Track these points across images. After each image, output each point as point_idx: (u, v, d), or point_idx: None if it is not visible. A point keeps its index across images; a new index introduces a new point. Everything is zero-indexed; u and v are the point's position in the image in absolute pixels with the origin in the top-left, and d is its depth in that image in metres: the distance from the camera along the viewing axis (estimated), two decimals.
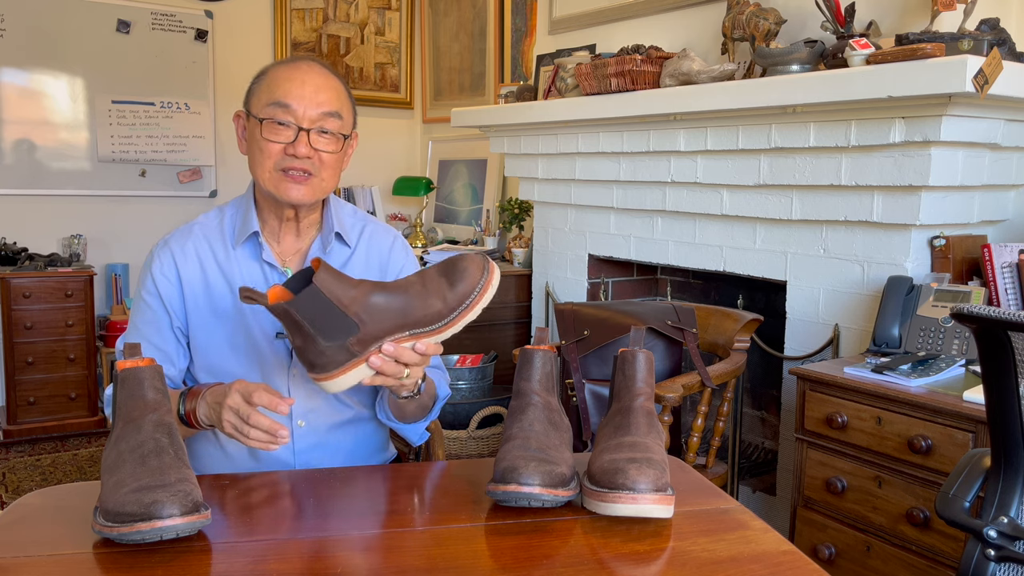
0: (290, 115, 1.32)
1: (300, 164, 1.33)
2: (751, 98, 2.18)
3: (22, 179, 3.92)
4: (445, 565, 0.92)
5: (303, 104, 1.32)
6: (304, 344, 1.10)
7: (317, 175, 1.35)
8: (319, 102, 1.33)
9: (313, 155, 1.34)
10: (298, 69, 1.35)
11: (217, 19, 4.32)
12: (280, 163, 1.33)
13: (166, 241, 1.44)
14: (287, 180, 1.34)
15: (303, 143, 1.32)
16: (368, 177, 4.73)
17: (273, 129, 1.32)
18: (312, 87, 1.33)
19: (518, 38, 4.01)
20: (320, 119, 1.33)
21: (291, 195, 1.35)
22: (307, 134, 1.33)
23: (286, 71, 1.35)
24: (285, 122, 1.32)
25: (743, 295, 2.83)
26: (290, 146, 1.32)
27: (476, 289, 1.13)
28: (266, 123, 1.32)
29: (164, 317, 1.40)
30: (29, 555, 0.93)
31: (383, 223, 1.56)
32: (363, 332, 1.10)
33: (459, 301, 1.12)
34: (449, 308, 1.12)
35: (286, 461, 1.40)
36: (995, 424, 1.09)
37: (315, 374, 1.12)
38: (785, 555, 0.97)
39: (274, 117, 1.32)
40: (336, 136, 1.36)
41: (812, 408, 1.83)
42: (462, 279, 1.13)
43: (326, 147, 1.35)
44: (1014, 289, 1.90)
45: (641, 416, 1.12)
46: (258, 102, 1.35)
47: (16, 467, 3.40)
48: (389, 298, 1.11)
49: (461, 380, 3.18)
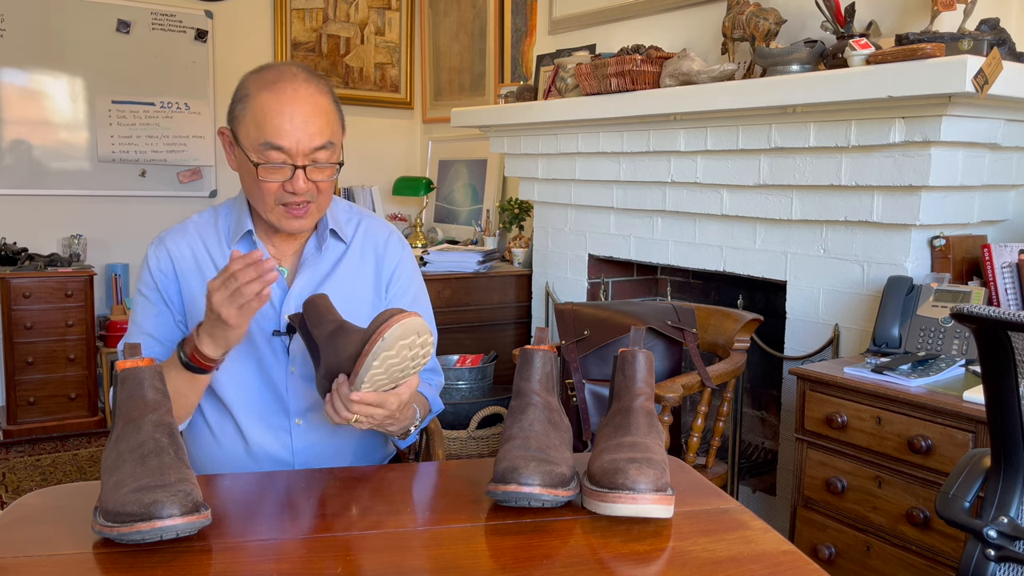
0: (284, 155, 1.29)
1: (299, 199, 1.32)
2: (751, 98, 2.18)
3: (22, 179, 3.92)
4: (445, 565, 0.92)
5: (295, 141, 1.29)
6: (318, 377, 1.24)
7: (316, 202, 1.35)
8: (311, 135, 1.30)
9: (311, 187, 1.32)
10: (283, 95, 1.29)
11: (217, 19, 4.32)
12: (280, 199, 1.33)
13: (161, 238, 1.44)
14: (288, 215, 1.34)
15: (300, 180, 1.30)
16: (368, 177, 4.73)
17: (269, 171, 1.31)
18: (301, 119, 1.29)
19: (518, 38, 4.01)
20: (313, 153, 1.31)
21: (293, 227, 1.36)
22: (303, 171, 1.30)
23: (273, 101, 1.29)
24: (279, 163, 1.30)
25: (743, 295, 2.83)
26: (288, 183, 1.31)
27: (376, 331, 1.11)
28: (261, 167, 1.30)
29: (165, 311, 1.40)
30: (29, 555, 0.93)
31: (379, 217, 1.56)
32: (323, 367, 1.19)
33: (362, 343, 1.13)
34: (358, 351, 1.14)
35: (285, 460, 1.41)
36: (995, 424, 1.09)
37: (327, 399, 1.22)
38: (785, 555, 0.97)
39: (268, 160, 1.30)
40: (331, 166, 1.34)
41: (812, 408, 1.83)
42: (376, 324, 1.12)
43: (322, 177, 1.34)
44: (1014, 289, 1.90)
45: (641, 416, 1.12)
46: (247, 137, 1.31)
47: (16, 467, 3.40)
48: (334, 342, 1.19)
49: (461, 380, 3.18)
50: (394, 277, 1.50)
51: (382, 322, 1.11)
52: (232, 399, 1.39)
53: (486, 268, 3.52)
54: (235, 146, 1.35)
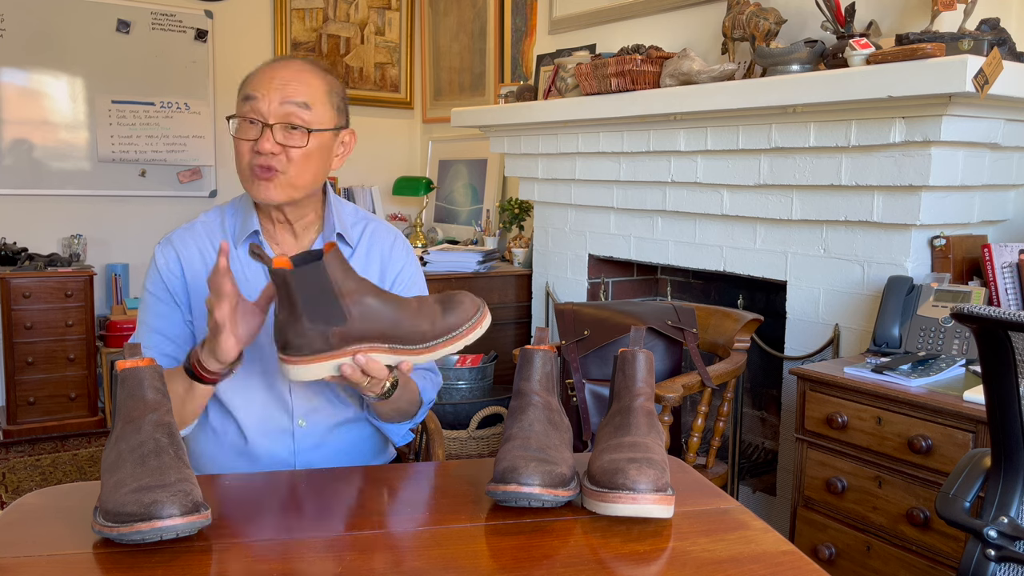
0: (256, 111, 1.30)
1: (265, 160, 1.30)
2: (751, 98, 2.17)
3: (22, 179, 3.92)
4: (445, 565, 0.92)
5: (268, 97, 1.29)
6: (288, 320, 1.09)
7: (285, 172, 1.31)
8: (285, 94, 1.30)
9: (279, 151, 1.30)
10: (275, 64, 1.34)
11: (217, 19, 4.32)
12: (251, 160, 1.31)
13: (169, 239, 1.44)
14: (256, 179, 1.32)
15: (267, 139, 1.29)
16: (368, 177, 4.73)
17: (243, 127, 1.31)
18: (280, 80, 1.31)
19: (518, 38, 4.01)
20: (286, 114, 1.30)
21: (259, 194, 1.33)
22: (271, 129, 1.29)
23: (263, 67, 1.35)
24: (253, 120, 1.30)
25: (743, 295, 2.83)
26: (255, 143, 1.30)
27: (465, 325, 1.13)
28: (237, 121, 1.32)
29: (175, 308, 1.40)
30: (29, 555, 0.93)
31: (385, 222, 1.56)
32: (348, 326, 1.09)
33: (446, 330, 1.12)
34: (435, 334, 1.12)
35: (286, 461, 1.41)
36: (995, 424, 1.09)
37: (287, 354, 1.10)
38: (785, 555, 0.96)
39: (244, 114, 1.31)
40: (303, 131, 1.31)
41: (812, 408, 1.83)
42: (455, 312, 1.13)
43: (293, 142, 1.31)
44: (1014, 289, 1.89)
45: (641, 416, 1.12)
46: (236, 102, 1.36)
47: (16, 467, 3.40)
48: (383, 306, 1.11)
49: (461, 380, 3.18)
50: (398, 280, 1.50)
51: (466, 309, 1.13)
52: (235, 399, 1.40)
53: (486, 268, 3.52)
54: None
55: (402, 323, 1.11)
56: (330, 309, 1.09)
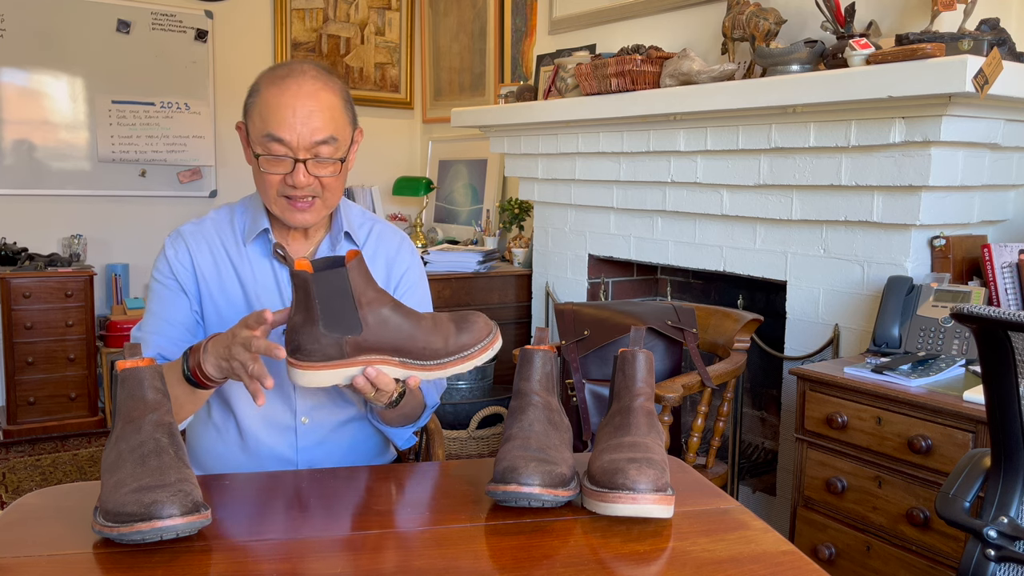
0: (284, 147, 1.30)
1: (301, 192, 1.33)
2: (751, 98, 2.18)
3: (22, 179, 3.92)
4: (445, 565, 0.92)
5: (295, 135, 1.29)
6: (303, 323, 1.09)
7: (320, 197, 1.36)
8: (312, 130, 1.30)
9: (313, 181, 1.33)
10: (287, 91, 1.30)
11: (217, 19, 4.32)
12: (282, 191, 1.34)
13: (179, 232, 1.45)
14: (291, 208, 1.35)
15: (300, 173, 1.31)
16: (368, 177, 4.73)
17: (270, 163, 1.32)
18: (304, 113, 1.29)
19: (518, 38, 4.01)
20: (316, 151, 1.31)
21: (297, 220, 1.36)
22: (303, 164, 1.31)
23: (276, 94, 1.30)
24: (280, 155, 1.31)
25: (743, 295, 2.83)
26: (288, 176, 1.32)
27: (477, 345, 1.14)
28: (262, 158, 1.32)
29: (183, 298, 1.41)
30: (29, 555, 0.93)
31: (391, 224, 1.57)
32: (362, 336, 1.10)
33: (458, 349, 1.14)
34: (447, 351, 1.14)
35: (289, 458, 1.41)
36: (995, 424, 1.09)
37: (298, 359, 1.10)
38: (785, 555, 0.97)
39: (269, 151, 1.31)
40: (334, 161, 1.34)
41: (812, 408, 1.83)
42: (468, 331, 1.14)
43: (325, 172, 1.34)
44: (1014, 289, 1.90)
45: (641, 416, 1.12)
46: (254, 128, 1.33)
47: (16, 467, 3.40)
48: (400, 319, 1.12)
49: (461, 380, 3.18)
50: (402, 281, 1.51)
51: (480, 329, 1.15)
52: (237, 397, 1.40)
53: (486, 268, 3.52)
54: (246, 139, 1.37)
55: (416, 338, 1.13)
56: (347, 317, 1.09)
